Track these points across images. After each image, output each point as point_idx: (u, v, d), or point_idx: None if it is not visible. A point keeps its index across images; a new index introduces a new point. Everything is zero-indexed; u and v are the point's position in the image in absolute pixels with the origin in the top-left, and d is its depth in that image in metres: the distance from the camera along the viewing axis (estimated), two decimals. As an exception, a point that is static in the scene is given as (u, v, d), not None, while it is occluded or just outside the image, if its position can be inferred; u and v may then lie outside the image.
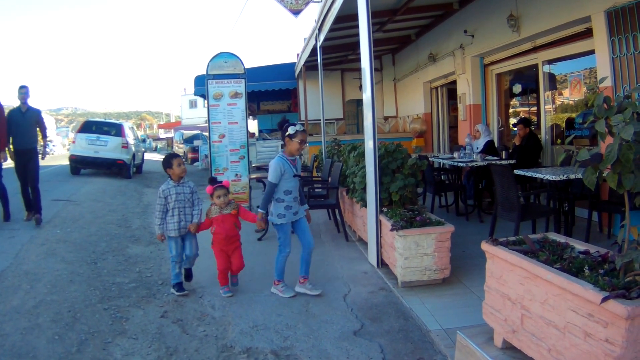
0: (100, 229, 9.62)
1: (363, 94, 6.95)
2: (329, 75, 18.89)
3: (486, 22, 11.16)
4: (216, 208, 5.98)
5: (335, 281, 6.20)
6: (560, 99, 10.39)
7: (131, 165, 19.41)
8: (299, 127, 5.70)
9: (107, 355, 4.47)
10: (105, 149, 18.30)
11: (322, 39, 10.89)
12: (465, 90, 12.78)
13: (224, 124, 10.93)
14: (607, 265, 3.07)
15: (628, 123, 2.66)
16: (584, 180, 3.02)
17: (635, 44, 6.95)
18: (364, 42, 6.63)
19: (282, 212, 5.73)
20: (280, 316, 5.11)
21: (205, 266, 6.99)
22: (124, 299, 5.89)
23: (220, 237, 5.94)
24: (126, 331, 4.97)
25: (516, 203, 6.51)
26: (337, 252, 7.47)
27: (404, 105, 18.38)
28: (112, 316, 5.36)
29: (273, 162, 5.69)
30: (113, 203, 12.87)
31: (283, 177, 5.65)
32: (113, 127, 19.64)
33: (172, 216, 5.96)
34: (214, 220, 5.98)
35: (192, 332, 4.91)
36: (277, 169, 5.61)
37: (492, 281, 3.78)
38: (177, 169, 6.00)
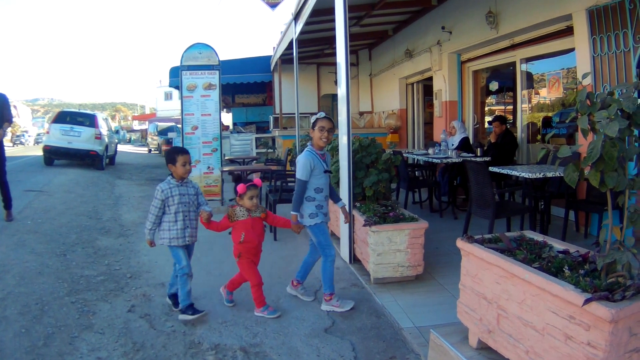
0: (71, 221, 9.47)
1: (338, 88, 6.84)
2: (305, 69, 18.78)
3: (464, 18, 11.12)
4: (242, 210, 5.05)
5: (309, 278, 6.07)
6: (537, 98, 10.40)
7: (104, 157, 19.29)
8: (320, 114, 5.23)
9: (73, 350, 4.31)
10: (79, 140, 18.15)
11: (298, 32, 10.77)
12: (441, 87, 12.74)
13: (197, 116, 10.75)
14: (588, 265, 2.99)
15: (612, 120, 2.57)
16: (565, 178, 2.93)
17: (617, 43, 6.94)
18: (340, 36, 6.51)
19: (314, 211, 5.16)
20: (250, 312, 4.98)
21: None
22: (91, 292, 5.72)
23: (251, 245, 5.06)
24: (93, 325, 4.82)
25: (491, 200, 6.45)
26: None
27: (380, 100, 18.33)
28: (79, 310, 5.19)
29: (301, 157, 5.14)
30: (85, 194, 12.71)
31: (313, 173, 5.09)
32: (87, 118, 19.48)
33: (174, 222, 4.96)
34: (240, 225, 5.02)
35: (160, 327, 4.77)
36: (307, 165, 5.06)
37: (467, 279, 3.68)
38: (181, 169, 4.96)
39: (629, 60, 6.80)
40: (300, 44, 11.60)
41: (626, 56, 6.83)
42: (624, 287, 2.57)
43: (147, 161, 25.74)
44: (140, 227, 9.13)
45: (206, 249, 7.28)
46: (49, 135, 18.46)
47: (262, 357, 4.17)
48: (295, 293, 5.49)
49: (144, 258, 7.09)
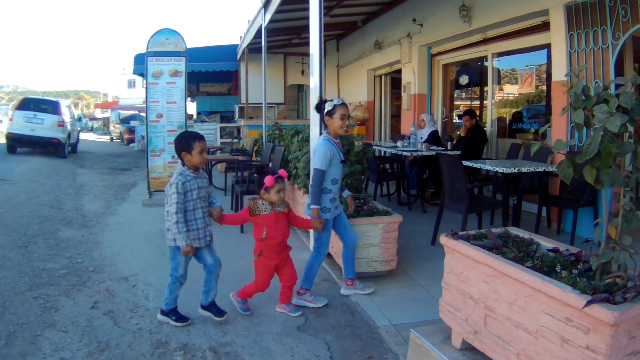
0: (33, 210, 9.22)
1: (310, 78, 6.66)
2: (272, 59, 18.57)
3: (437, 11, 11.04)
4: (265, 203, 4.59)
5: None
6: (508, 92, 10.41)
7: (66, 145, 19.00)
8: (337, 100, 4.84)
9: (36, 350, 4.08)
10: (42, 127, 17.89)
11: (267, 20, 10.57)
12: (410, 80, 12.67)
13: (162, 103, 10.45)
14: (582, 265, 2.89)
15: (613, 114, 2.47)
16: (559, 174, 2.82)
17: (596, 39, 6.92)
18: (314, 26, 6.33)
19: (327, 206, 4.85)
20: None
21: (138, 252, 6.64)
22: (54, 287, 5.47)
23: (275, 242, 4.62)
24: (56, 323, 4.58)
25: (465, 195, 6.37)
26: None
27: (347, 92, 18.22)
28: (41, 306, 4.95)
29: (320, 145, 4.77)
30: (47, 183, 12.44)
31: (331, 162, 4.76)
32: (50, 105, 19.18)
33: (194, 220, 4.40)
34: (263, 220, 4.57)
35: (124, 325, 4.55)
36: (327, 154, 4.71)
37: (451, 277, 3.55)
38: (198, 158, 4.33)
39: (607, 56, 6.77)
40: (268, 33, 11.39)
41: (604, 52, 6.80)
42: (624, 288, 2.47)
43: (109, 150, 25.25)
44: (102, 217, 8.88)
45: (171, 242, 7.08)
46: (12, 123, 18.15)
47: (233, 357, 3.99)
48: (354, 291, 5.16)
49: (106, 250, 6.85)
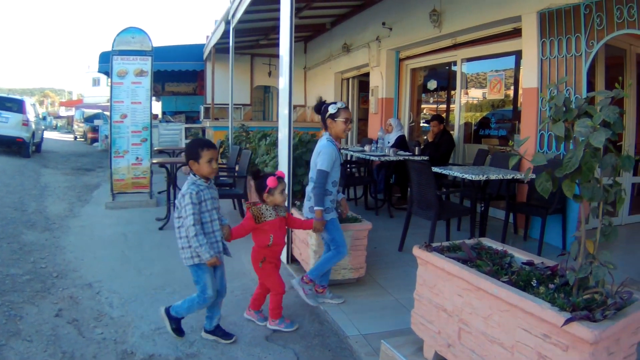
0: (-3, 212, 8.94)
1: (280, 79, 6.54)
2: (239, 60, 18.36)
3: (407, 15, 11.03)
4: (269, 209, 4.44)
5: (242, 277, 5.79)
6: (475, 97, 10.45)
7: (30, 144, 18.59)
8: (341, 104, 4.92)
9: (0, 361, 3.92)
10: (6, 126, 17.41)
11: (235, 20, 10.43)
12: (378, 84, 12.64)
13: (127, 104, 10.23)
14: (558, 279, 2.86)
15: (597, 129, 2.43)
16: (537, 188, 2.78)
17: (569, 47, 6.96)
18: (285, 27, 6.21)
19: (329, 206, 4.88)
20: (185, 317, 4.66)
21: (102, 256, 6.46)
22: (17, 294, 5.28)
23: (279, 248, 4.56)
24: (20, 332, 4.40)
25: (434, 202, 6.34)
26: (243, 246, 6.92)
27: (314, 94, 18.15)
28: (5, 314, 4.77)
29: (324, 147, 4.80)
30: (11, 184, 12.11)
31: (334, 165, 4.81)
32: (15, 103, 18.71)
33: (212, 232, 4.06)
34: (269, 227, 4.40)
35: (89, 334, 4.40)
36: (332, 155, 4.76)
37: (423, 290, 3.49)
38: (206, 168, 3.99)
39: (579, 64, 6.81)
40: (236, 34, 11.25)
41: (577, 60, 6.84)
42: (604, 305, 2.44)
43: (72, 149, 24.78)
44: (66, 220, 8.65)
45: (135, 245, 6.94)
46: None
47: (200, 368, 3.89)
48: (323, 300, 5.06)
49: (70, 255, 6.65)
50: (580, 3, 6.75)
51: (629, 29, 6.18)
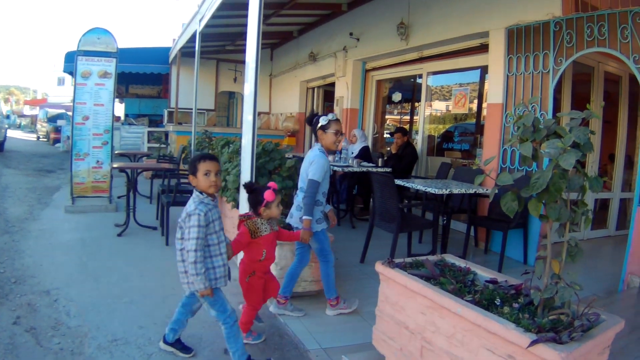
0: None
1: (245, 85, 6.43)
2: (205, 64, 18.21)
3: (374, 27, 11.08)
4: (264, 223, 4.28)
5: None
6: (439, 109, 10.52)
7: (-7, 143, 18.05)
8: (332, 116, 4.93)
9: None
10: None
11: (203, 24, 10.32)
12: (343, 94, 12.65)
13: (90, 105, 10.03)
14: (522, 298, 2.84)
15: (568, 151, 2.42)
16: (503, 207, 2.76)
17: (536, 64, 7.04)
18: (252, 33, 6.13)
19: (320, 217, 4.88)
20: (142, 328, 4.53)
21: (60, 262, 6.28)
22: (-24, 300, 5.09)
23: (270, 262, 4.44)
24: (-21, 340, 4.24)
25: (396, 214, 6.33)
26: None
27: (278, 102, 18.13)
28: (-36, 322, 4.58)
29: (317, 157, 4.78)
30: (-28, 184, 11.72)
31: (324, 175, 4.81)
32: None
33: (219, 255, 3.78)
34: (264, 241, 4.25)
35: (47, 344, 4.24)
36: (324, 166, 4.77)
37: (385, 306, 3.45)
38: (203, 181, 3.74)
39: (546, 81, 6.89)
40: (202, 38, 11.13)
41: (544, 77, 6.92)
42: (571, 327, 2.42)
43: (35, 149, 24.23)
44: (25, 223, 8.40)
45: (94, 252, 6.76)
46: None
47: (158, 381, 3.78)
48: (284, 311, 4.98)
49: (28, 260, 6.44)
50: (550, 20, 6.82)
51: (599, 47, 6.27)
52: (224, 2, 8.39)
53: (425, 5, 9.41)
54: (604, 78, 8.45)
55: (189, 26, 11.87)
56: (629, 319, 4.86)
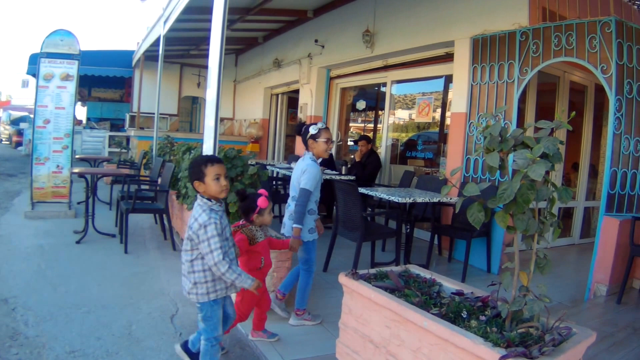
0: None
1: (207, 90, 6.30)
2: (168, 68, 18.01)
3: (340, 34, 11.05)
4: (259, 230, 4.23)
5: (161, 298, 5.49)
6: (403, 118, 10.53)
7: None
8: (321, 124, 4.90)
9: None
10: None
11: (167, 28, 10.17)
12: (307, 101, 12.59)
13: (51, 108, 9.78)
14: (489, 310, 2.79)
15: (537, 162, 2.38)
16: (469, 218, 2.72)
17: (500, 73, 7.07)
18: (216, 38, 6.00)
19: (313, 226, 4.85)
20: (100, 340, 4.38)
21: (18, 270, 6.07)
22: None
23: (268, 269, 4.38)
24: None
25: (360, 223, 6.27)
26: (163, 263, 6.81)
27: (242, 108, 18.00)
28: None
29: (310, 166, 4.74)
30: None
31: (317, 184, 4.80)
32: None
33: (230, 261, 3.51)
34: (261, 248, 4.17)
35: (5, 354, 4.06)
36: (317, 175, 4.75)
37: (349, 319, 3.37)
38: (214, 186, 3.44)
39: (511, 91, 6.93)
40: (166, 42, 10.98)
41: (509, 87, 6.96)
42: (541, 341, 2.38)
43: (-3, 152, 23.72)
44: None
45: (52, 259, 6.57)
46: None
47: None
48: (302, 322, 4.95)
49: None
50: (516, 30, 6.87)
51: (566, 56, 6.31)
52: (188, 6, 8.27)
53: (391, 13, 9.41)
54: (569, 88, 8.54)
55: (153, 29, 11.69)
56: (597, 328, 4.91)
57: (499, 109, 2.91)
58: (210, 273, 3.43)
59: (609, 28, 5.80)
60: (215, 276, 3.44)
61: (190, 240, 3.42)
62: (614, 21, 5.75)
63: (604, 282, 5.98)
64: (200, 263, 3.42)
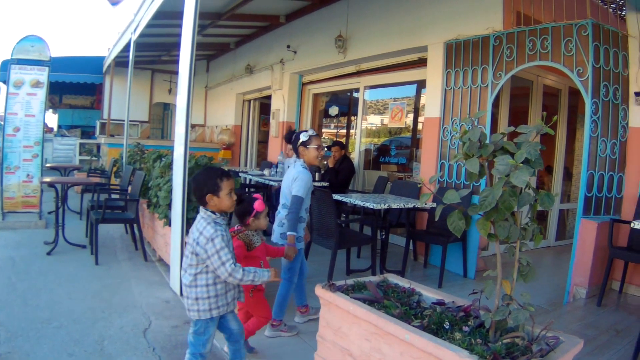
0: None
1: (177, 96, 6.19)
2: (139, 74, 17.80)
3: (312, 40, 11.00)
4: (256, 235, 4.16)
5: (133, 311, 5.34)
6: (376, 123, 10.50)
7: None
8: (311, 131, 4.97)
9: None
10: None
11: (138, 33, 10.03)
12: (279, 107, 12.51)
13: (21, 116, 9.57)
14: (472, 320, 2.73)
15: (520, 167, 2.31)
16: (450, 226, 2.65)
17: (474, 78, 7.08)
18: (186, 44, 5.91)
19: (301, 234, 4.87)
20: (72, 356, 4.22)
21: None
22: None
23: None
24: None
25: (334, 230, 6.20)
26: (134, 274, 6.65)
27: (214, 114, 17.85)
28: None
29: (302, 173, 4.76)
30: None
31: (308, 191, 4.83)
32: None
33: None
34: (259, 253, 4.14)
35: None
36: (309, 182, 4.78)
37: (327, 332, 3.28)
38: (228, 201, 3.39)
39: (485, 95, 6.93)
40: (137, 47, 10.82)
41: (482, 91, 6.96)
42: (528, 352, 2.31)
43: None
44: None
45: (22, 272, 6.39)
46: None
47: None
48: (308, 318, 5.11)
49: None
50: (489, 35, 6.87)
51: (541, 60, 6.33)
52: (159, 11, 8.16)
53: (364, 18, 9.38)
54: (543, 91, 8.58)
55: (124, 35, 11.54)
56: (579, 332, 4.90)
57: (477, 114, 2.86)
58: (214, 288, 3.33)
59: (586, 31, 5.82)
60: (218, 292, 3.34)
61: (195, 255, 3.31)
62: (590, 24, 5.78)
63: (583, 284, 5.98)
64: (204, 277, 3.32)
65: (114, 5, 10.61)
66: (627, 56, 6.12)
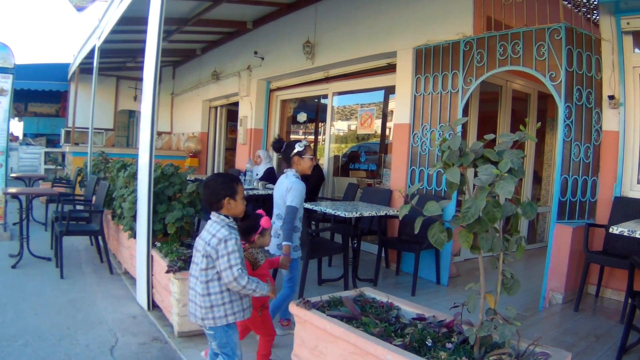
0: None
1: (142, 104, 6.01)
2: (104, 81, 17.49)
3: (280, 46, 10.89)
4: (260, 252, 4.04)
5: (99, 327, 5.11)
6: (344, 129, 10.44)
7: None
8: (305, 142, 4.97)
9: None
10: None
11: (102, 39, 9.81)
12: (247, 114, 12.38)
13: (-15, 126, 9.30)
14: (455, 337, 2.62)
15: (505, 177, 2.21)
16: (431, 239, 2.55)
17: (444, 84, 7.04)
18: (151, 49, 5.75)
19: (297, 244, 4.87)
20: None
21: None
22: None
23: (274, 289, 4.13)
24: None
25: (306, 240, 6.06)
26: (99, 288, 6.43)
27: (180, 122, 17.62)
28: None
29: (295, 183, 4.77)
30: None
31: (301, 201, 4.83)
32: None
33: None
34: (264, 271, 4.00)
35: None
36: (302, 192, 4.79)
37: (302, 351, 3.14)
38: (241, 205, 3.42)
39: (455, 101, 6.89)
40: (102, 54, 10.59)
41: (453, 97, 6.92)
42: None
43: None
44: None
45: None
46: None
47: None
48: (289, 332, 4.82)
49: None
50: (460, 40, 6.82)
51: (512, 65, 6.30)
52: (124, 17, 7.98)
53: (332, 24, 9.31)
54: (512, 96, 8.56)
55: (88, 41, 11.31)
56: (558, 338, 4.84)
57: (458, 122, 2.74)
58: (228, 294, 3.28)
59: (559, 35, 5.80)
60: (232, 297, 3.29)
61: (206, 257, 3.26)
62: (563, 27, 5.76)
63: (559, 290, 5.94)
64: (217, 284, 3.26)
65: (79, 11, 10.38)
66: (600, 60, 6.12)
